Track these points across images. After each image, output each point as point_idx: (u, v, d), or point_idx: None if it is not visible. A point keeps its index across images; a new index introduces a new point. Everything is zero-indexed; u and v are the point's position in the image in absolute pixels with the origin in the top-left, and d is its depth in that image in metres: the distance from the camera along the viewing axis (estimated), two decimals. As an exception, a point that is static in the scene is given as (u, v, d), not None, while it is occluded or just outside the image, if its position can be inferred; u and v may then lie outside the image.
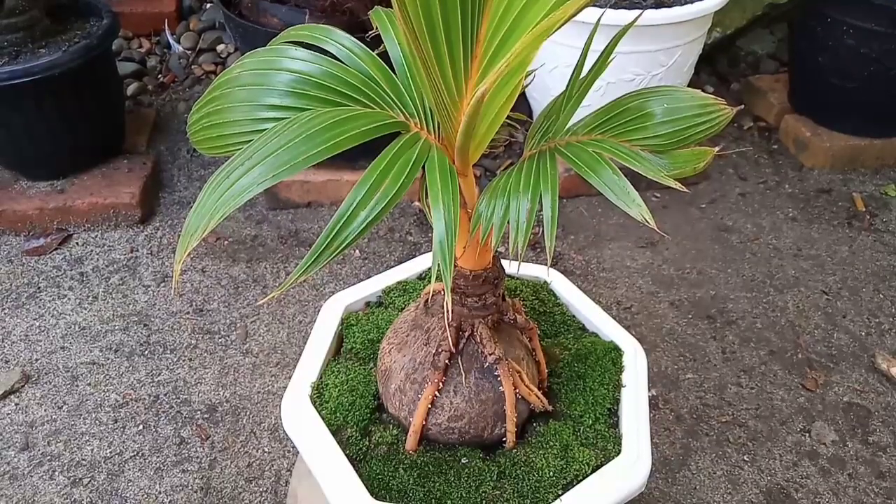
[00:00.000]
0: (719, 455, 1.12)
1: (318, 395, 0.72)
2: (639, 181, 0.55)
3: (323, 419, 0.69)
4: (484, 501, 0.64)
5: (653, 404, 1.20)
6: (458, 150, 0.51)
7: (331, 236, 0.43)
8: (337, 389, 0.73)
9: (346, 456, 0.66)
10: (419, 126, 0.55)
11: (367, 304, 0.86)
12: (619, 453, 0.68)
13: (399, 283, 0.87)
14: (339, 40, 0.59)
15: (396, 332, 0.73)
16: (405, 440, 0.69)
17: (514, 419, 0.67)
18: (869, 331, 1.34)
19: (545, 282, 0.87)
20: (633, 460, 0.66)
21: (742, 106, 0.76)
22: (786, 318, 1.37)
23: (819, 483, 1.08)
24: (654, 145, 0.56)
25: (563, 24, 0.39)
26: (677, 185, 0.52)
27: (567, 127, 0.59)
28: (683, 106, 0.56)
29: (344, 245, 0.43)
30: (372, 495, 0.63)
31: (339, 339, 0.81)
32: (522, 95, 1.71)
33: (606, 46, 0.55)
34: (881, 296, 1.42)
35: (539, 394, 0.70)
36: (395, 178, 0.46)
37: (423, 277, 0.89)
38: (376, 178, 0.45)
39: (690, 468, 1.10)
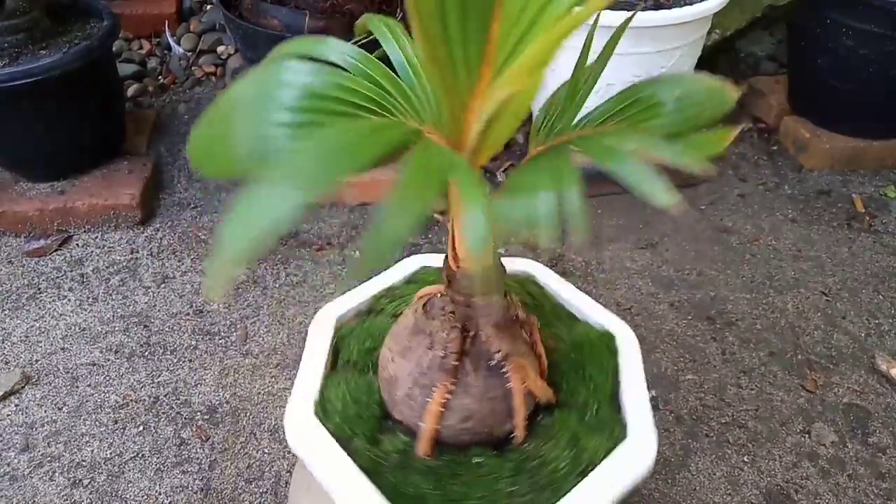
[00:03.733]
0: (719, 456, 1.12)
1: (322, 411, 0.71)
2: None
3: (331, 434, 0.68)
4: (503, 499, 0.64)
5: (653, 405, 1.19)
6: (472, 153, 0.51)
7: (372, 246, 0.42)
8: (340, 403, 0.72)
9: (360, 468, 0.65)
10: (431, 131, 0.55)
11: (358, 313, 0.85)
12: (625, 437, 0.67)
13: (387, 288, 0.86)
14: (340, 48, 0.58)
15: (396, 339, 0.73)
16: (416, 446, 0.69)
17: (524, 414, 0.68)
18: (869, 332, 1.34)
19: (530, 275, 0.87)
20: (640, 441, 0.66)
21: (743, 90, 0.75)
22: (785, 320, 1.37)
23: (819, 484, 1.08)
24: (669, 132, 0.55)
25: (582, 24, 0.39)
26: (703, 168, 0.51)
27: (574, 123, 0.59)
28: (693, 90, 0.55)
29: (381, 259, 0.42)
30: None
31: (335, 352, 0.80)
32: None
33: (604, 47, 0.55)
34: (881, 297, 1.42)
35: (545, 385, 0.70)
36: (422, 186, 0.44)
37: (412, 281, 0.88)
38: (406, 189, 0.44)
39: (690, 469, 1.10)
